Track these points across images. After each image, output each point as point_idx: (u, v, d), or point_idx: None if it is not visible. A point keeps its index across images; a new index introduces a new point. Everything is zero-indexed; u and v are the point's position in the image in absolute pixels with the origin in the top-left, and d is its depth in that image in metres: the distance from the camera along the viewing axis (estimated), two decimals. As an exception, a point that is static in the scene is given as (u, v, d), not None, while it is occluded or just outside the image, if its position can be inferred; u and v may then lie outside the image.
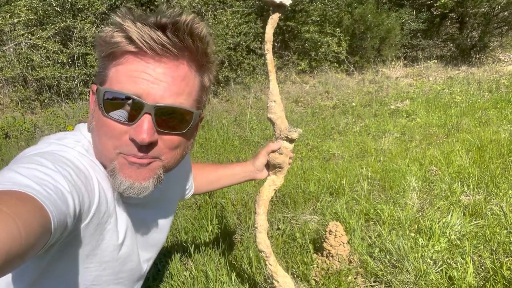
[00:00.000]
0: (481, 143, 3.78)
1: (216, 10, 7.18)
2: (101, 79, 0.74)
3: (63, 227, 0.61)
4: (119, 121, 0.71)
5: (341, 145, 4.23)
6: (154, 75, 0.69)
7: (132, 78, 0.69)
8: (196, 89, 0.77)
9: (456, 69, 8.76)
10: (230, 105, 6.55)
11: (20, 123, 5.14)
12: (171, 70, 0.71)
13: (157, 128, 0.71)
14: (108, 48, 0.71)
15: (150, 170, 0.75)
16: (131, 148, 0.72)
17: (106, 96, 0.71)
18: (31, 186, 0.57)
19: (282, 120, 1.22)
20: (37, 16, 6.30)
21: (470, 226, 2.20)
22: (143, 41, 0.67)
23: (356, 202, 2.68)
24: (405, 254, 1.90)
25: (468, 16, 9.32)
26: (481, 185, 2.81)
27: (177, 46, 0.69)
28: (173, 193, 1.09)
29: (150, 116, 0.70)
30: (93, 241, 0.78)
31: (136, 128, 0.70)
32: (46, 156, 0.69)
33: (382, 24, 8.31)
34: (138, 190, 0.75)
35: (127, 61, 0.70)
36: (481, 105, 5.64)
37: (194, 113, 0.76)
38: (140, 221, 0.93)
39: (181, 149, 0.80)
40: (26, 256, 0.50)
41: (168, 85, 0.70)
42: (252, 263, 1.91)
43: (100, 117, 0.73)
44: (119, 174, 0.74)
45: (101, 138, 0.74)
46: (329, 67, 8.20)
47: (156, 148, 0.74)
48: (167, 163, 0.78)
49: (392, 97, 6.58)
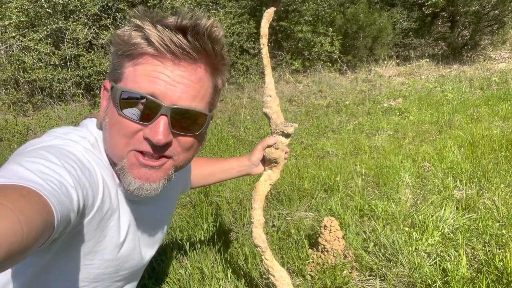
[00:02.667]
0: (473, 139, 3.82)
1: (209, 11, 7.19)
2: (116, 77, 0.74)
3: (66, 222, 0.61)
4: (134, 120, 0.71)
5: (335, 143, 4.25)
6: (172, 77, 0.69)
7: (150, 79, 0.70)
8: (210, 91, 0.77)
9: (448, 67, 8.84)
10: (224, 105, 6.56)
11: (12, 126, 5.10)
12: (189, 73, 0.71)
13: (172, 130, 0.72)
14: (126, 47, 0.71)
15: (161, 172, 0.75)
16: (143, 145, 0.72)
17: (122, 96, 0.71)
18: (35, 180, 0.57)
19: (278, 115, 1.22)
20: (28, 18, 6.25)
21: (463, 220, 2.23)
22: (163, 44, 0.67)
23: (350, 198, 2.69)
24: (399, 248, 1.92)
25: (459, 15, 9.41)
26: (474, 179, 2.84)
27: (196, 49, 0.70)
28: (175, 189, 1.09)
29: (166, 118, 0.70)
30: (95, 237, 0.78)
31: (152, 128, 0.70)
32: (51, 150, 0.69)
33: (374, 24, 8.36)
34: (147, 191, 0.75)
35: (146, 62, 0.70)
36: (472, 102, 5.70)
37: (208, 115, 0.77)
38: (142, 217, 0.92)
39: (193, 150, 0.81)
40: (28, 251, 0.50)
41: (185, 87, 0.71)
42: (247, 260, 1.92)
43: (114, 115, 0.73)
44: (128, 173, 0.74)
45: (113, 136, 0.74)
46: (323, 66, 8.23)
47: (170, 148, 0.74)
48: (179, 163, 0.79)
49: (385, 96, 6.62)
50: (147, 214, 0.95)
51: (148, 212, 0.95)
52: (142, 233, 0.95)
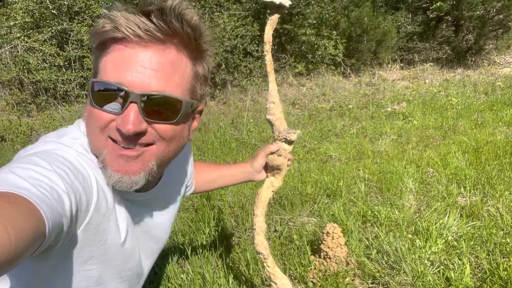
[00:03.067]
0: (477, 144, 3.79)
1: (213, 13, 7.20)
2: (94, 72, 0.74)
3: (59, 228, 0.60)
4: (106, 110, 0.70)
5: (338, 147, 4.24)
6: (139, 62, 0.68)
7: (118, 67, 0.68)
8: (187, 77, 0.74)
9: (452, 71, 8.81)
10: (227, 107, 6.56)
11: (16, 126, 5.12)
12: (158, 55, 0.69)
13: (145, 118, 0.69)
14: (97, 38, 0.70)
15: (140, 163, 0.73)
16: (117, 135, 0.71)
17: (93, 88, 0.70)
18: (25, 187, 0.56)
19: (281, 122, 1.21)
20: (33, 19, 6.27)
21: (467, 227, 2.21)
22: (127, 27, 0.66)
23: (353, 204, 2.68)
24: (403, 256, 1.90)
25: (463, 19, 9.37)
26: (478, 186, 2.82)
27: (163, 30, 0.68)
28: (174, 191, 1.07)
29: (136, 105, 0.68)
30: (94, 241, 0.77)
31: (123, 117, 0.68)
32: (43, 156, 0.68)
33: (378, 27, 8.34)
34: (127, 184, 0.73)
35: (113, 50, 0.69)
36: (477, 107, 5.67)
37: (184, 101, 0.73)
38: (140, 219, 0.91)
39: (176, 140, 0.77)
40: (17, 260, 0.49)
41: (154, 72, 0.68)
42: (249, 265, 1.91)
43: (90, 108, 0.73)
44: (108, 167, 0.73)
45: (90, 128, 0.74)
46: (326, 69, 8.22)
47: (148, 136, 0.72)
48: (161, 154, 0.76)
49: (388, 100, 6.60)
50: (147, 217, 0.93)
51: (148, 214, 0.94)
52: (141, 236, 0.94)
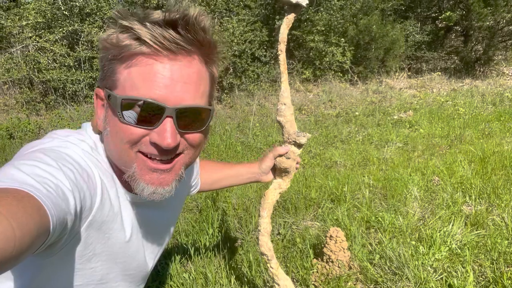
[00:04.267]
0: (483, 154, 3.77)
1: (223, 18, 7.26)
2: (111, 84, 0.72)
3: (63, 225, 0.60)
4: (138, 126, 0.69)
5: (344, 153, 4.24)
6: (169, 75, 0.67)
7: (148, 82, 0.67)
8: (208, 83, 0.76)
9: (460, 81, 8.78)
10: (234, 111, 6.58)
11: (24, 124, 5.18)
12: (186, 67, 0.69)
13: (179, 130, 0.71)
14: (116, 51, 0.69)
15: (173, 173, 0.75)
16: (151, 149, 0.71)
17: (123, 102, 0.68)
18: (31, 183, 0.57)
19: (291, 124, 1.20)
20: (45, 19, 6.37)
21: (471, 236, 2.20)
22: (156, 41, 0.65)
23: (357, 209, 2.67)
24: (406, 262, 1.90)
25: (472, 30, 9.35)
26: (483, 195, 2.81)
27: (190, 41, 0.68)
28: (180, 190, 1.05)
29: (171, 119, 0.69)
30: (99, 239, 0.78)
31: (159, 132, 0.69)
32: (49, 153, 0.68)
33: (386, 35, 8.35)
34: (161, 195, 0.74)
35: (140, 63, 0.67)
36: (484, 118, 5.64)
37: (211, 109, 0.76)
38: (146, 219, 0.92)
39: (201, 146, 0.80)
40: (22, 256, 0.50)
41: (185, 84, 0.69)
42: (252, 267, 1.91)
43: (116, 124, 0.71)
44: (140, 180, 0.73)
45: (117, 144, 0.73)
46: (333, 76, 8.23)
47: (179, 147, 0.73)
48: (189, 160, 0.78)
49: (395, 108, 6.59)
50: (152, 217, 0.94)
51: (153, 214, 0.94)
52: (146, 234, 0.94)
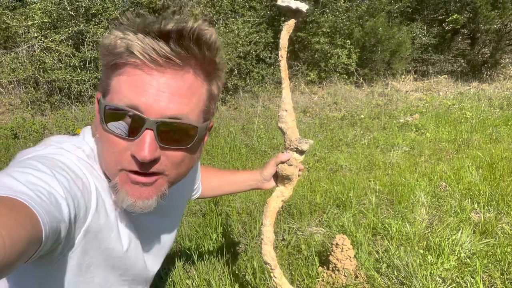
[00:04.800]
0: (491, 160, 3.72)
1: (228, 19, 7.24)
2: (104, 89, 0.71)
3: (56, 234, 0.59)
4: (120, 136, 0.68)
5: (349, 157, 4.19)
6: (156, 86, 0.65)
7: (133, 89, 0.66)
8: (204, 98, 0.72)
9: (467, 84, 8.70)
10: (238, 113, 6.56)
11: (29, 124, 5.18)
12: (175, 81, 0.66)
13: (159, 144, 0.68)
14: (110, 58, 0.68)
15: (153, 188, 0.73)
16: (132, 164, 0.69)
17: (106, 110, 0.68)
18: (23, 191, 0.55)
19: (293, 131, 1.18)
20: (51, 20, 6.38)
21: (480, 245, 2.15)
22: (144, 53, 0.63)
23: (363, 215, 2.63)
24: (413, 271, 1.85)
25: (480, 32, 9.27)
26: (492, 203, 2.76)
27: (181, 56, 0.65)
28: (180, 196, 1.05)
29: (152, 132, 0.66)
30: (96, 248, 0.76)
31: (138, 144, 0.67)
32: (42, 160, 0.67)
33: (393, 38, 8.29)
34: (141, 208, 0.73)
35: (129, 73, 0.66)
36: (491, 122, 5.58)
37: (199, 127, 0.72)
38: (144, 226, 0.90)
39: (185, 164, 0.76)
40: (12, 266, 0.48)
41: (171, 96, 0.66)
42: (256, 274, 1.88)
43: (102, 131, 0.71)
44: (121, 191, 0.71)
45: (104, 152, 0.73)
46: (338, 78, 8.19)
47: (159, 164, 0.70)
48: (172, 179, 0.75)
49: (401, 111, 6.53)
50: (151, 224, 0.92)
51: (152, 221, 0.92)
52: (146, 243, 0.93)
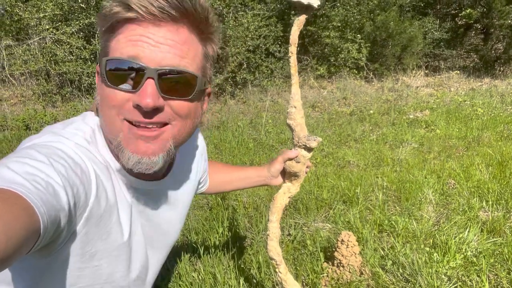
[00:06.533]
0: (502, 158, 3.67)
1: (237, 12, 7.21)
2: (104, 54, 0.73)
3: (56, 223, 0.59)
4: (122, 89, 0.69)
5: (357, 153, 4.18)
6: (154, 38, 0.68)
7: (131, 43, 0.68)
8: (199, 55, 0.75)
9: (479, 80, 8.57)
10: (247, 107, 6.56)
11: (41, 116, 5.25)
12: (171, 33, 0.69)
13: (161, 94, 0.69)
14: (108, 20, 0.70)
15: (159, 143, 0.73)
16: (135, 114, 0.70)
17: (108, 66, 0.70)
18: (19, 182, 0.56)
19: (302, 128, 1.18)
20: (62, 12, 6.42)
21: (488, 244, 2.14)
22: (141, 6, 0.66)
23: (370, 212, 2.63)
24: (419, 269, 1.85)
25: (493, 28, 9.11)
26: (501, 201, 2.73)
27: (175, 8, 0.68)
28: (186, 184, 1.04)
29: (153, 81, 0.68)
30: (98, 235, 0.76)
31: (140, 93, 0.68)
32: (40, 149, 0.68)
33: (404, 32, 8.19)
34: (147, 166, 0.73)
35: (126, 29, 0.69)
36: (503, 119, 5.49)
37: (199, 77, 0.73)
38: (148, 211, 0.90)
39: (190, 118, 0.77)
40: (10, 260, 0.48)
41: (169, 47, 0.69)
42: (261, 268, 1.89)
43: (103, 90, 0.72)
44: (126, 149, 0.72)
45: (105, 110, 0.73)
46: (348, 73, 8.12)
47: (164, 114, 0.72)
48: (177, 133, 0.76)
49: (411, 107, 6.47)
50: (155, 208, 0.92)
51: (156, 206, 0.92)
52: (148, 229, 0.92)
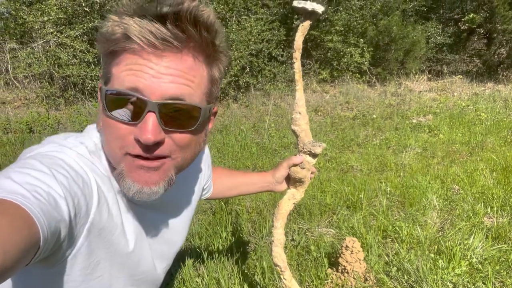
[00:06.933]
0: (506, 163, 3.65)
1: (241, 17, 7.23)
2: (105, 78, 0.71)
3: (56, 234, 0.59)
4: (122, 121, 0.68)
5: (360, 158, 4.17)
6: (156, 68, 0.65)
7: (132, 73, 0.65)
8: (205, 81, 0.72)
9: (482, 85, 8.55)
10: (249, 111, 6.56)
11: (44, 119, 5.27)
12: (174, 63, 0.66)
13: (163, 127, 0.67)
14: (108, 45, 0.67)
15: (160, 173, 0.71)
16: (136, 149, 0.68)
17: (108, 95, 0.68)
18: (20, 193, 0.55)
19: (306, 133, 1.17)
20: (66, 15, 6.46)
21: (493, 250, 2.12)
22: (141, 37, 0.63)
23: (373, 217, 2.62)
24: (424, 276, 1.84)
25: (496, 32, 9.09)
26: (506, 207, 2.71)
27: (179, 38, 0.64)
28: (189, 193, 1.04)
29: (154, 114, 0.65)
30: (101, 246, 0.75)
31: (141, 127, 0.66)
32: (42, 159, 0.67)
33: (407, 37, 8.19)
34: (147, 195, 0.71)
35: (127, 58, 0.66)
36: (507, 124, 5.48)
37: (203, 108, 0.71)
38: (152, 224, 0.89)
39: (192, 148, 0.75)
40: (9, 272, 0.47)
41: (172, 77, 0.66)
42: (265, 274, 1.89)
43: (104, 118, 0.70)
44: (127, 178, 0.70)
45: (108, 139, 0.72)
46: (351, 77, 8.12)
47: (165, 147, 0.70)
48: (178, 163, 0.74)
49: (414, 111, 6.46)
50: (157, 220, 0.91)
51: (159, 219, 0.91)
52: (154, 242, 0.91)
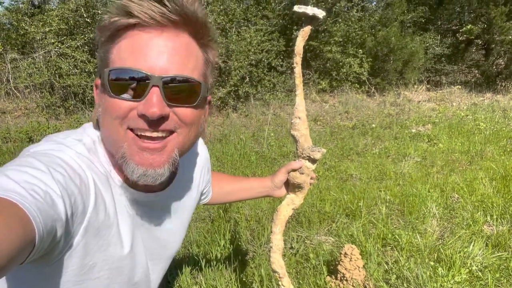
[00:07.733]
0: (505, 172, 3.65)
1: (240, 27, 7.30)
2: (104, 65, 0.72)
3: (52, 233, 0.59)
4: (126, 98, 0.69)
5: (359, 166, 4.16)
6: (156, 47, 0.68)
7: (134, 52, 0.68)
8: (201, 62, 0.75)
9: (481, 95, 8.59)
10: (249, 120, 6.58)
11: (44, 128, 5.28)
12: (173, 40, 0.69)
13: (166, 102, 0.69)
14: (108, 29, 0.69)
15: (165, 155, 0.72)
16: (140, 123, 0.69)
17: (111, 76, 0.69)
18: (17, 191, 0.55)
19: (306, 139, 1.17)
20: (68, 26, 6.52)
21: (493, 258, 2.11)
22: (142, 12, 0.66)
23: (373, 225, 2.60)
24: (424, 283, 1.82)
25: (494, 43, 9.18)
26: (505, 215, 2.70)
27: (177, 13, 0.68)
28: (188, 196, 1.03)
29: (158, 89, 0.67)
30: (97, 247, 0.75)
31: (145, 102, 0.67)
32: (40, 157, 0.67)
33: (405, 47, 8.26)
34: (152, 178, 0.71)
35: (128, 36, 0.68)
36: (506, 134, 5.49)
37: (202, 83, 0.73)
38: (148, 223, 0.89)
39: (195, 126, 0.77)
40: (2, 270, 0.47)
41: (171, 56, 0.69)
42: (263, 282, 1.87)
43: (106, 101, 0.71)
44: (130, 161, 0.70)
45: (108, 121, 0.72)
46: (350, 87, 8.17)
47: (170, 122, 0.71)
48: (182, 142, 0.75)
49: (413, 121, 6.47)
50: (155, 220, 0.91)
51: (157, 218, 0.91)
52: (149, 241, 0.91)
